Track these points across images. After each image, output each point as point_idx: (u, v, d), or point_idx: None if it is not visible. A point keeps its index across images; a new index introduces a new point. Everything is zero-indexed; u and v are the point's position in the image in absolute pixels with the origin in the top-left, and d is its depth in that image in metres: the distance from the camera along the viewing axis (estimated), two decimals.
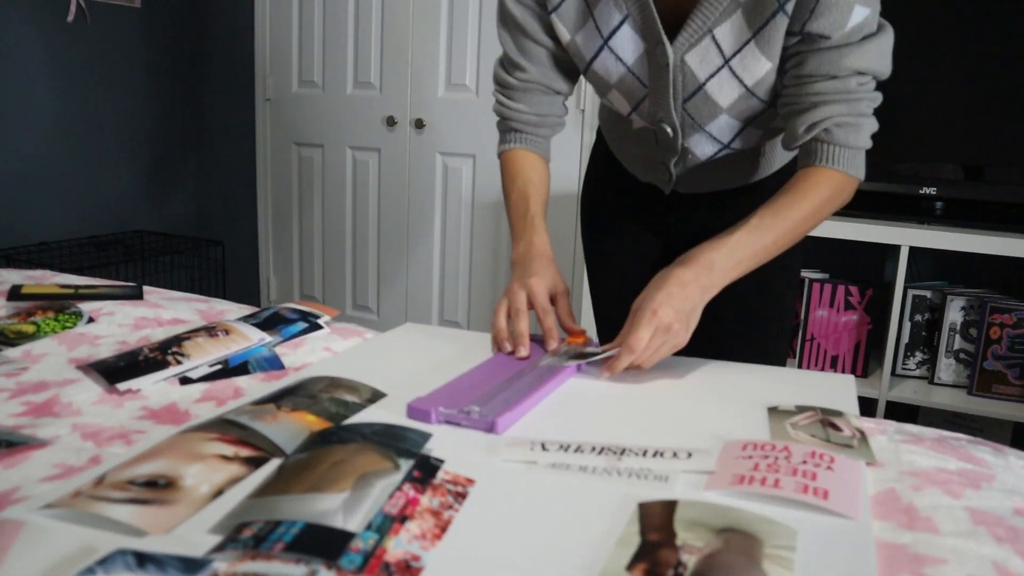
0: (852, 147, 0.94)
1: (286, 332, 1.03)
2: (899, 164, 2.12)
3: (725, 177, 1.16)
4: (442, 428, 0.72)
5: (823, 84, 0.92)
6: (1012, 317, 2.04)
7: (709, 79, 0.97)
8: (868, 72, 0.92)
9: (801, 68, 0.93)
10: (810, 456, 0.65)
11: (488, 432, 0.71)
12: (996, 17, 1.99)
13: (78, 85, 2.83)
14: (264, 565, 0.47)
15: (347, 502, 0.54)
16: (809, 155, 0.96)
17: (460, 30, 2.77)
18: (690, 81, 0.98)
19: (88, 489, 0.57)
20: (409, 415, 0.74)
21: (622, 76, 1.01)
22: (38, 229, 2.77)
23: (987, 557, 0.53)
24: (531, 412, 0.77)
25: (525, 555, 0.52)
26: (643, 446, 0.69)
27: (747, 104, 0.99)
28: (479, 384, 0.82)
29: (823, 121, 0.93)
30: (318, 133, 3.09)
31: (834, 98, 0.92)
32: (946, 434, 0.79)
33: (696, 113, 1.01)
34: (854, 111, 0.93)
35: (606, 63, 1.01)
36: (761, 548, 0.51)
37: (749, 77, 0.95)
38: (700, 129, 1.04)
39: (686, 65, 0.96)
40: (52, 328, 1.02)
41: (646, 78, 1.00)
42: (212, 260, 3.10)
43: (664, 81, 0.99)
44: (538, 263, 1.01)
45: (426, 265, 2.98)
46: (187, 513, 0.55)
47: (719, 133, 1.04)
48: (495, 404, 0.75)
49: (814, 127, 0.93)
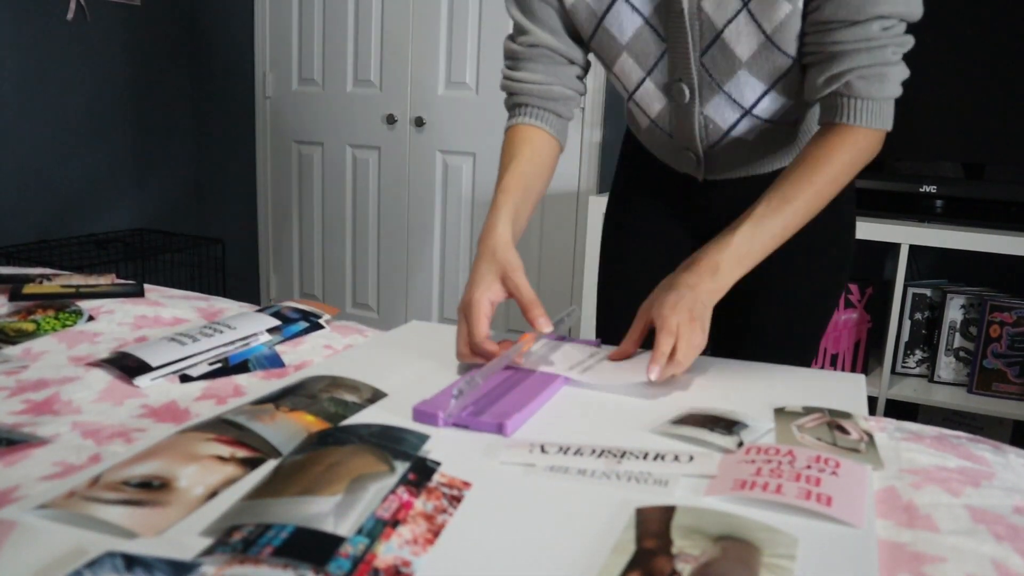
0: (876, 99, 0.88)
1: (287, 331, 1.03)
2: (899, 162, 2.12)
3: (758, 156, 1.08)
4: (441, 430, 0.71)
5: (844, 32, 0.86)
6: (1012, 315, 2.04)
7: (727, 25, 0.91)
8: (892, 15, 0.86)
9: (820, 13, 0.87)
10: (815, 461, 0.63)
11: (497, 434, 0.71)
12: (996, 15, 1.99)
13: (78, 83, 2.83)
14: (252, 570, 0.47)
15: (339, 505, 0.54)
16: (829, 110, 0.91)
17: (460, 28, 2.77)
18: (708, 29, 0.93)
19: (82, 489, 0.57)
20: (415, 418, 0.73)
21: (637, 31, 0.96)
22: (38, 227, 2.77)
23: (987, 555, 0.53)
24: (535, 415, 0.77)
25: (517, 561, 0.51)
26: (644, 449, 0.68)
27: (768, 58, 0.94)
28: (487, 385, 0.81)
29: (844, 73, 0.87)
30: (318, 131, 3.09)
31: (854, 47, 0.86)
32: (946, 432, 0.79)
33: (714, 68, 0.96)
34: (877, 60, 0.87)
35: (620, 17, 0.95)
36: (759, 557, 0.51)
37: (768, 22, 0.90)
38: (719, 90, 0.98)
39: (703, 11, 0.91)
40: (52, 326, 1.02)
41: (663, 30, 0.95)
42: (212, 258, 3.10)
43: (682, 30, 0.94)
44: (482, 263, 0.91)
45: (426, 263, 2.98)
46: (180, 515, 0.54)
47: (739, 95, 0.98)
48: (502, 406, 0.75)
49: (833, 80, 0.88)
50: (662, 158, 1.15)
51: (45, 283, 1.20)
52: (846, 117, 0.89)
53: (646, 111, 1.06)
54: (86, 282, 1.23)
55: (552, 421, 0.76)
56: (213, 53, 3.24)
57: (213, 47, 3.24)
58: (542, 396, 0.79)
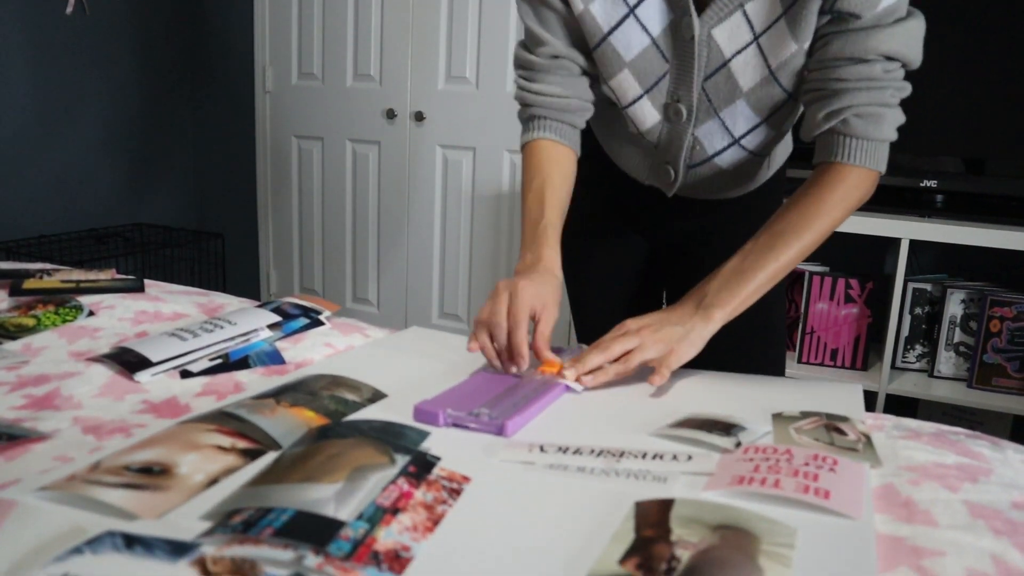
0: (872, 139, 0.89)
1: (287, 327, 1.03)
2: (899, 157, 2.11)
3: (727, 185, 1.12)
4: (441, 428, 0.71)
5: (847, 69, 0.88)
6: (1012, 310, 2.04)
7: (735, 56, 0.93)
8: (896, 56, 0.88)
9: (827, 51, 0.89)
10: (812, 459, 0.64)
11: (498, 435, 0.71)
12: (997, 10, 1.98)
13: (77, 78, 2.82)
14: (252, 549, 0.47)
15: (340, 492, 0.54)
16: (825, 149, 0.91)
17: (460, 22, 2.76)
18: (715, 57, 0.94)
19: (83, 473, 0.57)
20: (416, 417, 0.73)
21: (644, 50, 0.96)
22: (38, 222, 2.77)
23: (985, 549, 0.53)
24: (535, 418, 0.76)
25: (517, 548, 0.51)
26: (643, 449, 0.68)
27: (767, 91, 0.96)
28: (485, 388, 0.81)
29: (843, 110, 0.89)
30: (318, 125, 3.08)
31: (856, 85, 0.88)
32: (944, 428, 0.79)
33: (715, 93, 0.97)
34: (877, 100, 0.88)
35: (628, 34, 0.95)
36: (758, 545, 0.51)
37: (774, 58, 0.92)
38: (714, 115, 1.00)
39: (712, 40, 0.92)
40: (52, 321, 1.02)
41: (669, 52, 0.96)
42: (212, 253, 3.10)
43: (689, 55, 0.94)
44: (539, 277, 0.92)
45: (426, 258, 2.98)
46: (180, 500, 0.55)
47: (732, 123, 1.00)
48: (504, 407, 0.75)
49: (832, 116, 0.89)
50: (631, 168, 1.14)
51: (45, 278, 1.21)
52: (841, 156, 0.90)
53: (635, 124, 1.06)
54: (86, 277, 1.23)
55: (551, 424, 0.76)
56: (213, 47, 3.23)
57: (213, 41, 3.23)
58: (543, 400, 0.79)
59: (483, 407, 0.74)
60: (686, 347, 0.87)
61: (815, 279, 2.18)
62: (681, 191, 1.11)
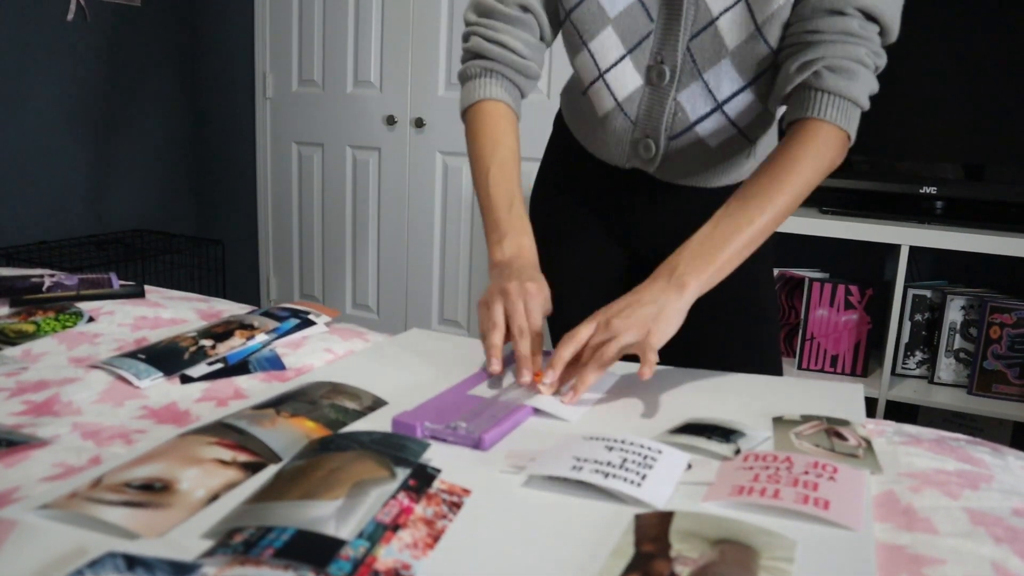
0: (844, 96, 0.87)
1: (279, 329, 1.03)
2: (899, 163, 2.12)
3: (709, 164, 1.07)
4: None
5: (824, 20, 0.87)
6: (1012, 316, 2.04)
7: (723, 13, 0.92)
8: (873, 13, 0.87)
9: (805, 4, 0.88)
10: (812, 466, 0.63)
11: (475, 448, 0.70)
12: (996, 15, 1.99)
13: (77, 84, 2.83)
14: (253, 571, 0.47)
15: (340, 509, 0.54)
16: (797, 105, 0.89)
17: (460, 29, 2.77)
18: (702, 14, 0.93)
19: (84, 490, 0.57)
20: (395, 429, 0.72)
21: (629, 6, 0.94)
22: (38, 228, 2.77)
23: (986, 557, 0.53)
24: (520, 428, 0.75)
25: (517, 565, 0.51)
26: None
27: (752, 49, 0.93)
28: (464, 400, 0.80)
29: (816, 61, 0.87)
30: (318, 132, 3.09)
31: (832, 38, 0.86)
32: (945, 435, 0.79)
33: (700, 53, 0.95)
34: (851, 55, 0.86)
35: None
36: (758, 559, 0.51)
37: (761, 13, 0.90)
38: (698, 76, 0.97)
39: None
40: (52, 327, 1.02)
41: (655, 11, 0.95)
42: (212, 259, 3.10)
43: (676, 13, 0.93)
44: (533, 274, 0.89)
45: (426, 264, 2.98)
46: (181, 517, 0.55)
47: (716, 85, 0.97)
48: (482, 420, 0.73)
49: (805, 67, 0.87)
50: (609, 153, 1.09)
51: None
52: (813, 111, 0.88)
53: (614, 93, 1.02)
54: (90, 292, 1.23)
55: (551, 430, 0.75)
56: (213, 54, 3.24)
57: (213, 48, 3.24)
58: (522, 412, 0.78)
59: (461, 420, 0.73)
60: (663, 325, 0.81)
61: (815, 286, 2.18)
62: (662, 173, 1.08)
